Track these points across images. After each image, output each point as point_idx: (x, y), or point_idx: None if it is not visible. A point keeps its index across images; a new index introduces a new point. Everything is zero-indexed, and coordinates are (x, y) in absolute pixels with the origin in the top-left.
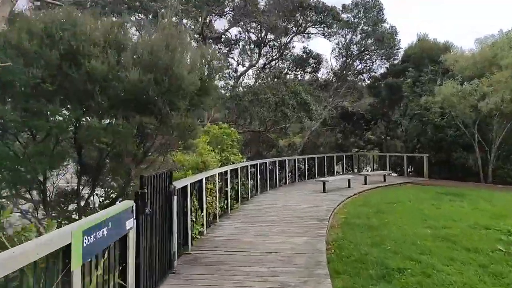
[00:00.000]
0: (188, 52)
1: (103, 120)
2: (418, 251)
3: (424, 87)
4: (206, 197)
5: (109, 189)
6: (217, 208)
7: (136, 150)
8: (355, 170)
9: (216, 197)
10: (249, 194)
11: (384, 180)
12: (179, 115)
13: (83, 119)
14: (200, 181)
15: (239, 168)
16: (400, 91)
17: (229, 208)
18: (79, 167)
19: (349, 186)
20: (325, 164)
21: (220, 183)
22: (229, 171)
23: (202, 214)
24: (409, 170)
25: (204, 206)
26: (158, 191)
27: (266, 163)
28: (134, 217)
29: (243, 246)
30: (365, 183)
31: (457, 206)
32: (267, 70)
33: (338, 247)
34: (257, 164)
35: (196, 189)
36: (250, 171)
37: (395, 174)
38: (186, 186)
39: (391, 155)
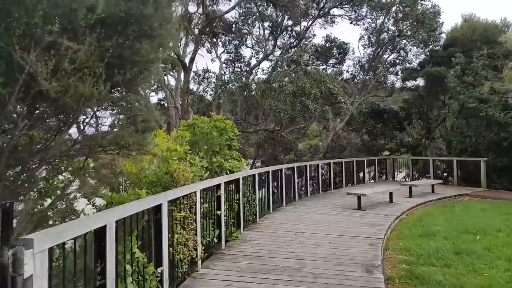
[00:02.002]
0: None
1: None
2: None
3: (478, 75)
4: (173, 234)
5: None
6: (198, 246)
7: None
8: (389, 177)
9: (196, 229)
10: (257, 214)
11: (433, 191)
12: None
13: None
14: (159, 207)
15: (240, 179)
16: (444, 82)
17: (223, 240)
18: None
19: (391, 201)
20: (354, 170)
21: (205, 205)
22: (222, 185)
23: (157, 271)
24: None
25: (165, 254)
26: None
27: (281, 170)
28: None
29: None
30: (410, 196)
31: None
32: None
33: None
34: (268, 172)
35: (142, 226)
36: (259, 181)
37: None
38: (102, 228)
39: (435, 160)
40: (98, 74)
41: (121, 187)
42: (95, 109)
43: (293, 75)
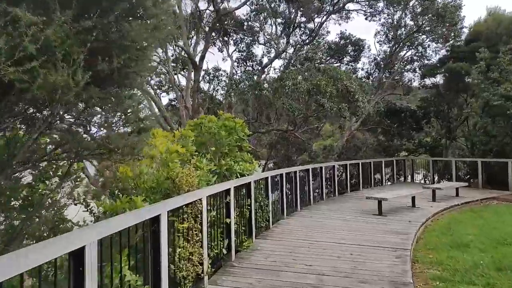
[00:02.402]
0: None
1: None
2: None
3: (504, 71)
4: (174, 249)
5: None
6: (205, 260)
7: None
8: (407, 179)
9: (202, 241)
10: (270, 220)
11: (457, 195)
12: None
13: None
14: (156, 219)
15: (252, 183)
16: (466, 79)
17: (233, 251)
18: None
19: (413, 205)
20: (371, 171)
21: (213, 213)
22: (232, 190)
23: None
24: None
25: (164, 274)
26: None
27: (296, 172)
28: None
29: None
30: (434, 200)
31: None
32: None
33: None
34: (282, 174)
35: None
36: (272, 184)
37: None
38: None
39: (457, 161)
40: (77, 61)
41: (120, 193)
42: (81, 106)
43: (306, 73)
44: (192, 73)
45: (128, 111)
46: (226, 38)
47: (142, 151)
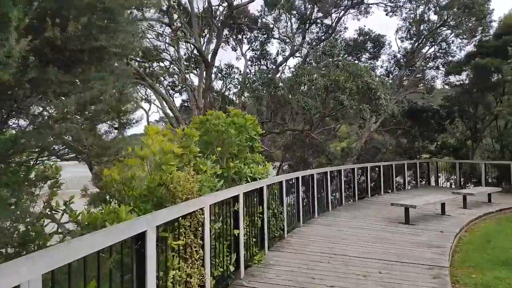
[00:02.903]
0: None
1: None
2: None
3: None
4: (167, 271)
5: None
6: (207, 282)
7: None
8: (431, 183)
9: (203, 258)
10: (285, 229)
11: (489, 201)
12: None
13: None
14: (141, 237)
15: (265, 188)
16: (495, 76)
17: (241, 267)
18: None
19: (443, 212)
20: (393, 175)
21: (218, 224)
22: (241, 196)
23: None
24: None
25: None
26: None
27: (313, 175)
28: None
29: None
30: (465, 206)
31: None
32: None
33: None
34: (298, 177)
35: None
36: (287, 189)
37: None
38: None
39: (487, 164)
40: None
41: (114, 199)
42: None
43: (324, 69)
44: (204, 72)
45: (102, 97)
46: (239, 36)
47: (122, 152)
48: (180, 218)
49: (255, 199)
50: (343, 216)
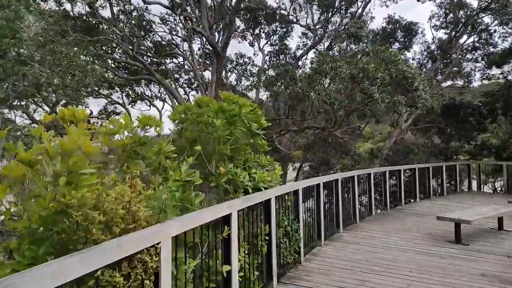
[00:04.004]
0: None
1: None
2: None
3: None
4: None
5: None
6: None
7: None
8: (473, 187)
9: None
10: (301, 251)
11: None
12: None
13: None
14: None
15: (273, 201)
16: None
17: None
18: None
19: (500, 228)
20: (429, 178)
21: (193, 262)
22: (234, 216)
23: None
24: None
25: None
26: None
27: (337, 180)
28: None
29: None
30: None
31: None
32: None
33: None
34: (319, 184)
35: None
36: (305, 197)
37: None
38: None
39: None
40: None
41: None
42: None
43: (349, 58)
44: (216, 65)
45: None
46: (257, 31)
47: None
48: (101, 271)
49: (258, 217)
50: (374, 230)
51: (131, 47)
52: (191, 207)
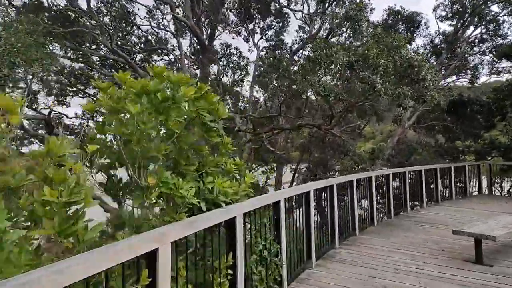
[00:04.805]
0: None
1: None
2: None
3: None
4: None
5: None
6: None
7: None
8: (483, 190)
9: None
10: (284, 278)
11: None
12: None
13: None
14: None
15: (237, 221)
16: None
17: None
18: None
19: None
20: (437, 181)
21: None
22: (161, 253)
23: None
24: None
25: None
26: None
27: (332, 186)
28: None
29: None
30: None
31: None
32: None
33: None
34: (309, 192)
35: None
36: (291, 209)
37: None
38: None
39: None
40: None
41: None
42: None
43: (347, 45)
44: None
45: None
46: (251, 26)
47: None
48: None
49: (216, 244)
50: (376, 245)
51: (110, 41)
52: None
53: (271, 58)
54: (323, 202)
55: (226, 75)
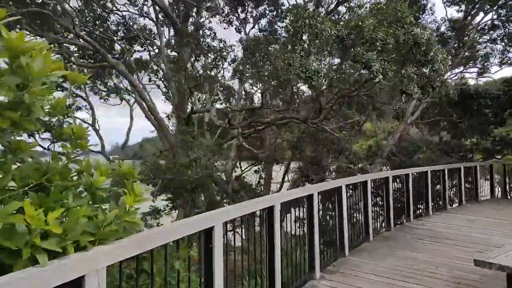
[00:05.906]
0: None
1: None
2: None
3: None
4: None
5: None
6: None
7: None
8: (496, 194)
9: None
10: None
11: None
12: None
13: None
14: None
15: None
16: None
17: None
18: None
19: None
20: (445, 183)
21: None
22: None
23: None
24: None
25: None
26: None
27: (312, 195)
28: None
29: None
30: None
31: None
32: None
33: None
34: (272, 208)
35: None
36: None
37: None
38: None
39: None
40: None
41: None
42: None
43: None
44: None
45: None
46: (243, 15)
47: None
48: None
49: None
50: (370, 272)
51: (72, 23)
52: None
53: (250, 42)
54: (298, 218)
55: (198, 60)
